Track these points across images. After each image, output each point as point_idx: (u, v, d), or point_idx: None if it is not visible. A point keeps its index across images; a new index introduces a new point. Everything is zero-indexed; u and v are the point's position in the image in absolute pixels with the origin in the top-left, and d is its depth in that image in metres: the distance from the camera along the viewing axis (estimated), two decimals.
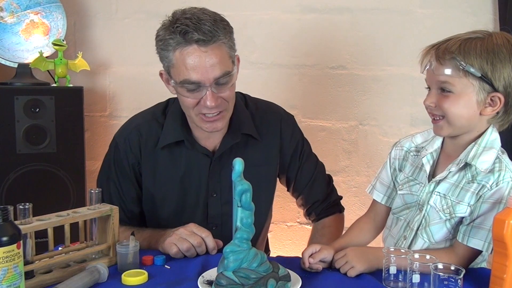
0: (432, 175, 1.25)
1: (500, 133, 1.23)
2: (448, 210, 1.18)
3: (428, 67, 1.19)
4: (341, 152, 2.27)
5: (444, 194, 1.19)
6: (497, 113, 1.17)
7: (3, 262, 0.93)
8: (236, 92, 1.41)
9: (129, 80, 2.44)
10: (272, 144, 1.50)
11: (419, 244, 1.22)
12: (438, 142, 1.27)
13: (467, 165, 1.18)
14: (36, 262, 1.09)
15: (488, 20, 2.06)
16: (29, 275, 1.06)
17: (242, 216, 1.01)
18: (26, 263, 1.05)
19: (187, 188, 1.43)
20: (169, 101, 1.49)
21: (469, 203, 1.15)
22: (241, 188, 1.00)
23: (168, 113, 1.45)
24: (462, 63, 1.11)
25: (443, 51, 1.14)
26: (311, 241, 1.57)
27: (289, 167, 1.54)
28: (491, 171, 1.14)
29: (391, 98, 2.19)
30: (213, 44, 1.24)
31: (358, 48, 2.20)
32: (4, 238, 0.93)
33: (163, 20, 1.31)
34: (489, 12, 2.05)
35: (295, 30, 2.25)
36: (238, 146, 1.43)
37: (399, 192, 1.31)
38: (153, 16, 2.37)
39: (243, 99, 1.51)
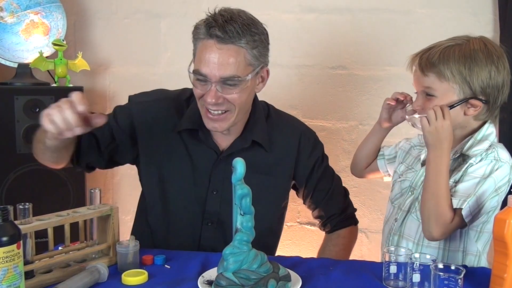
0: None
1: (500, 134, 1.26)
2: None
3: (414, 74, 1.30)
4: (341, 152, 2.27)
5: None
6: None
7: (3, 262, 0.93)
8: (261, 101, 1.49)
9: (129, 80, 2.44)
10: (286, 158, 1.48)
11: (413, 225, 1.30)
12: None
13: (462, 155, 1.26)
14: (36, 262, 1.09)
15: (488, 20, 2.06)
16: (29, 275, 1.06)
17: (242, 220, 1.02)
18: (26, 263, 1.05)
19: (191, 178, 1.43)
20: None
21: (455, 179, 1.23)
22: (241, 192, 1.00)
23: (192, 101, 1.44)
24: (443, 72, 1.21)
25: (425, 62, 1.25)
26: (323, 250, 1.57)
27: (308, 182, 1.52)
28: (480, 153, 1.22)
29: None
30: (230, 45, 1.25)
31: (358, 48, 2.20)
32: (4, 238, 0.93)
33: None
34: (489, 12, 2.05)
35: (295, 30, 2.25)
36: (247, 151, 1.42)
37: (398, 179, 1.40)
38: (153, 16, 2.38)
39: (265, 109, 1.51)
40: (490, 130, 1.26)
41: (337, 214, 1.55)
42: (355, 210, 1.62)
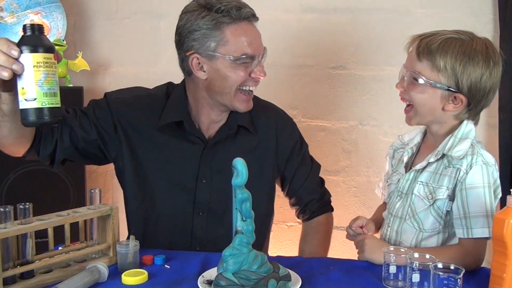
0: (411, 165, 1.34)
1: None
2: (430, 196, 1.24)
3: (409, 54, 1.30)
4: (341, 152, 2.27)
5: (426, 183, 1.26)
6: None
7: (44, 66, 1.02)
8: None
9: (129, 80, 2.43)
10: (269, 140, 1.51)
11: (411, 232, 1.28)
12: (418, 137, 1.38)
13: (444, 155, 1.25)
14: (36, 262, 1.09)
15: (488, 20, 2.06)
16: (29, 275, 1.06)
17: (242, 224, 1.02)
18: (26, 263, 1.05)
19: (178, 170, 1.43)
20: (168, 85, 1.51)
21: (447, 187, 1.22)
22: (241, 197, 1.01)
23: (170, 95, 1.46)
24: (437, 62, 1.21)
25: (423, 47, 1.23)
26: (305, 238, 1.59)
27: (286, 166, 1.54)
28: (464, 156, 1.21)
29: (391, 98, 2.19)
30: (256, 22, 1.37)
31: (358, 48, 2.20)
32: (43, 46, 1.04)
33: (189, 7, 1.34)
34: (489, 12, 2.05)
35: (295, 30, 2.25)
36: (234, 137, 1.45)
37: (386, 183, 1.42)
38: (153, 16, 2.38)
39: None
40: (469, 127, 1.26)
41: (316, 200, 1.58)
42: (331, 196, 1.65)
